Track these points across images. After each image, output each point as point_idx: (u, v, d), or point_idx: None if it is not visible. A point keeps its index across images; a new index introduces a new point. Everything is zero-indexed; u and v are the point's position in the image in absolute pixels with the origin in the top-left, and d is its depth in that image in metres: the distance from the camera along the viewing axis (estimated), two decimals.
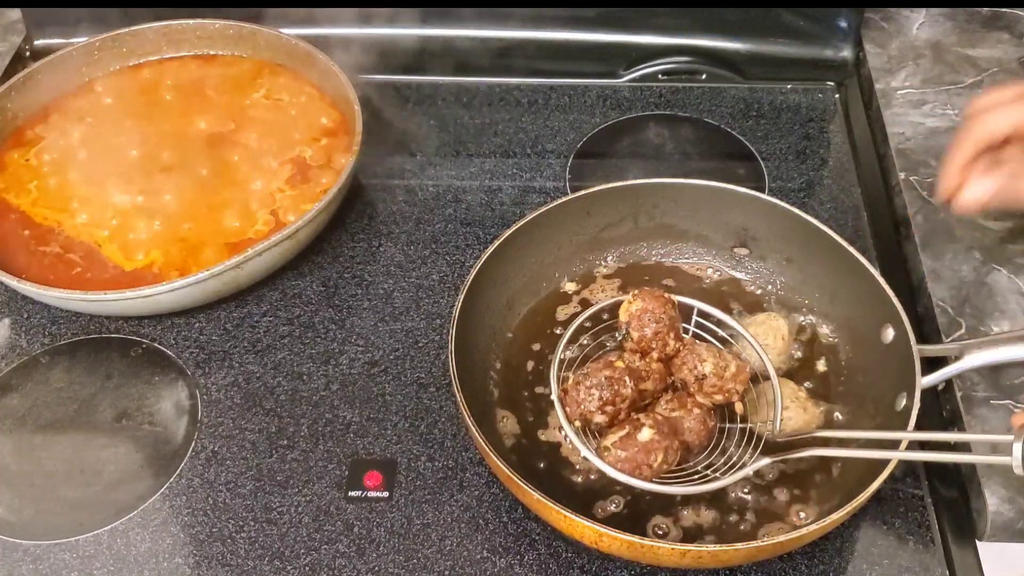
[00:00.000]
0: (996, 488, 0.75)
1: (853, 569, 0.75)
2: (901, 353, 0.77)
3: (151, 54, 1.12)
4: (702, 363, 0.76)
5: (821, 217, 0.87)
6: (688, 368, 0.77)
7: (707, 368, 0.76)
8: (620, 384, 0.74)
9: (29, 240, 0.95)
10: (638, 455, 0.70)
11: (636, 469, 0.70)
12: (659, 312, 0.78)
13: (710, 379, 0.76)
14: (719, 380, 0.76)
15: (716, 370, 0.76)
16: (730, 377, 0.76)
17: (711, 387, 0.76)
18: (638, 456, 0.70)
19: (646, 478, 0.71)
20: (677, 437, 0.73)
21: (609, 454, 0.71)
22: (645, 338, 0.78)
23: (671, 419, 0.74)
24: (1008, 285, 0.88)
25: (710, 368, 0.76)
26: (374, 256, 0.98)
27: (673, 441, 0.72)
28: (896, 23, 1.17)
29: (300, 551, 0.76)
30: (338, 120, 1.05)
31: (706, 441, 0.76)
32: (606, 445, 0.72)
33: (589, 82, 1.15)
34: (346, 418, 0.84)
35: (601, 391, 0.73)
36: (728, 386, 0.76)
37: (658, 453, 0.70)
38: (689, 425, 0.75)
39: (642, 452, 0.70)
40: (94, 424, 0.85)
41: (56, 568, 0.76)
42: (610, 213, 0.91)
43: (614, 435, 0.72)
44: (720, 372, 0.76)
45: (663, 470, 0.72)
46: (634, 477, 0.70)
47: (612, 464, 0.71)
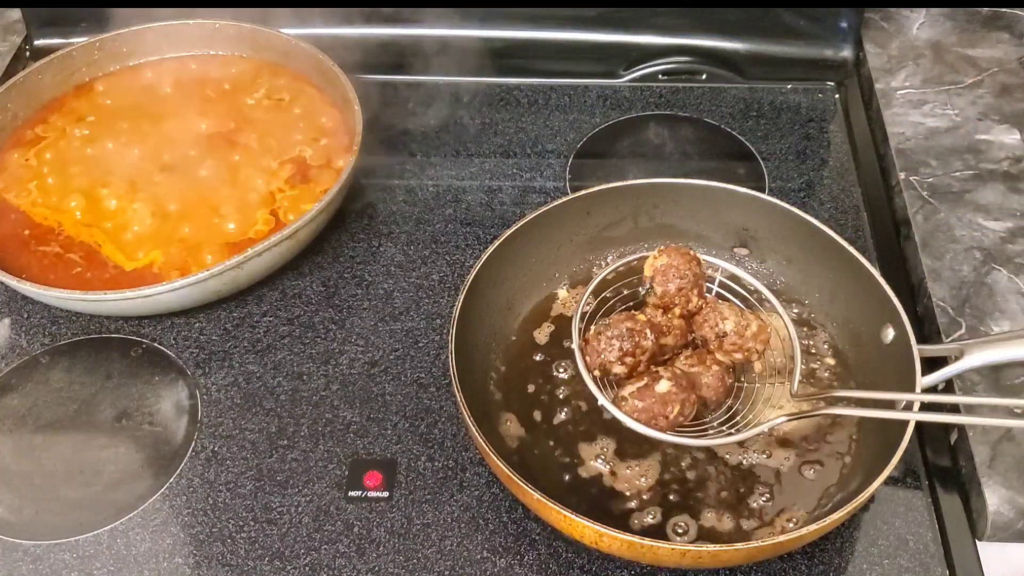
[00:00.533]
0: (996, 488, 0.75)
1: (853, 569, 0.75)
2: (901, 353, 0.77)
3: (151, 54, 1.12)
4: (723, 321, 0.76)
5: (821, 217, 0.87)
6: (709, 325, 0.77)
7: (728, 326, 0.76)
8: (641, 336, 0.74)
9: (29, 240, 0.95)
10: (655, 406, 0.71)
11: (652, 419, 0.71)
12: (684, 268, 0.78)
13: (731, 337, 0.76)
14: (739, 339, 0.76)
15: (737, 328, 0.76)
16: (751, 336, 0.76)
17: (731, 345, 0.76)
18: (655, 407, 0.71)
19: (662, 429, 0.72)
20: (694, 391, 0.74)
21: (626, 404, 0.72)
22: (668, 293, 0.78)
23: (689, 374, 0.75)
24: (1008, 285, 0.88)
25: (731, 326, 0.76)
26: (374, 256, 0.98)
27: (690, 394, 0.73)
28: (896, 23, 1.17)
29: (300, 551, 0.76)
30: (338, 120, 1.05)
31: (723, 398, 0.77)
32: (623, 395, 0.73)
33: (589, 82, 1.15)
34: (346, 418, 0.84)
35: (621, 342, 0.74)
36: (748, 345, 0.76)
37: (675, 405, 0.71)
38: (707, 381, 0.75)
39: (659, 403, 0.71)
40: (94, 424, 0.85)
41: (56, 568, 0.76)
42: (610, 213, 0.91)
43: (632, 385, 0.73)
44: (741, 331, 0.76)
45: (679, 422, 0.72)
46: (650, 427, 0.71)
47: (629, 413, 0.72)
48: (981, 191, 0.97)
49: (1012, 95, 1.06)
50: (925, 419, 0.74)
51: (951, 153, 1.01)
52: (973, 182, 0.98)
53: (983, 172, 0.99)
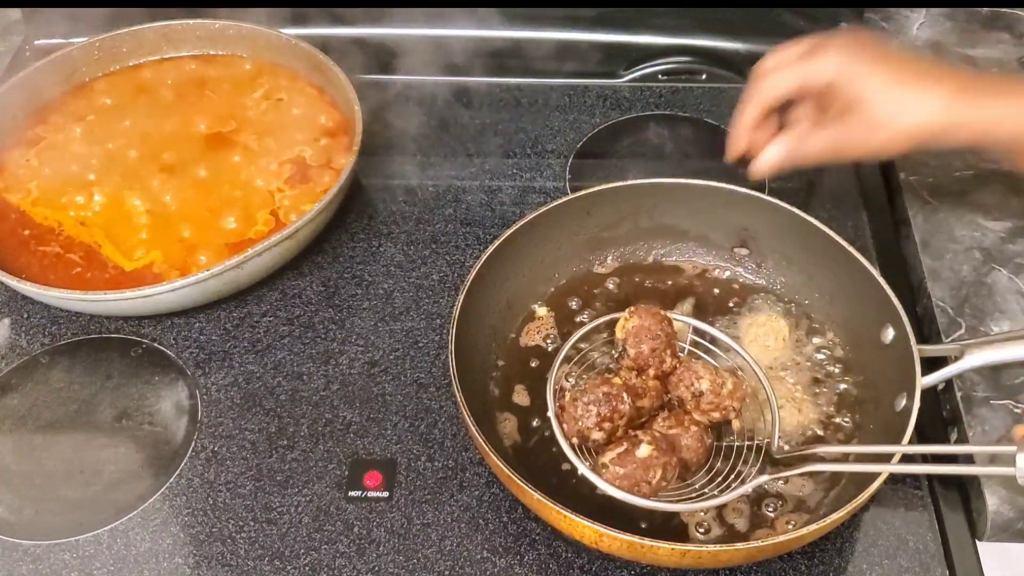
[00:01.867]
0: (996, 488, 0.75)
1: (853, 569, 0.75)
2: (901, 353, 0.77)
3: (151, 54, 1.12)
4: (699, 380, 0.76)
5: (821, 217, 0.87)
6: (685, 385, 0.76)
7: (704, 385, 0.75)
8: (618, 400, 0.73)
9: (29, 240, 0.95)
10: (636, 472, 0.70)
11: (635, 486, 0.70)
12: (656, 329, 0.77)
13: (707, 396, 0.75)
14: (716, 397, 0.75)
15: (713, 387, 0.75)
16: (727, 394, 0.75)
17: (708, 404, 0.75)
18: (637, 473, 0.70)
19: (645, 495, 0.70)
20: (675, 454, 0.72)
21: (607, 471, 0.70)
22: (642, 355, 0.77)
23: (669, 436, 0.74)
24: (1008, 285, 0.88)
25: (707, 385, 0.75)
26: (374, 256, 0.98)
27: (672, 458, 0.71)
28: (896, 23, 1.17)
29: (300, 551, 0.76)
30: (338, 120, 1.05)
31: (704, 459, 0.75)
32: (604, 462, 0.71)
33: (589, 82, 1.15)
34: (346, 418, 0.84)
35: (599, 407, 0.72)
36: (725, 403, 0.75)
37: (657, 469, 0.70)
38: (687, 442, 0.74)
39: (641, 468, 0.70)
40: (94, 424, 0.85)
41: (56, 568, 0.76)
42: (610, 213, 0.91)
43: (612, 451, 0.71)
44: (717, 389, 0.75)
45: (662, 487, 0.71)
46: (633, 494, 0.70)
47: (610, 481, 0.70)
48: (981, 191, 0.97)
49: None
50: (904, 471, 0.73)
51: (951, 153, 1.01)
52: (973, 182, 0.98)
53: (983, 172, 0.98)
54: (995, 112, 0.76)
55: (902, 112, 0.75)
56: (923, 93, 0.76)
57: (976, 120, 0.76)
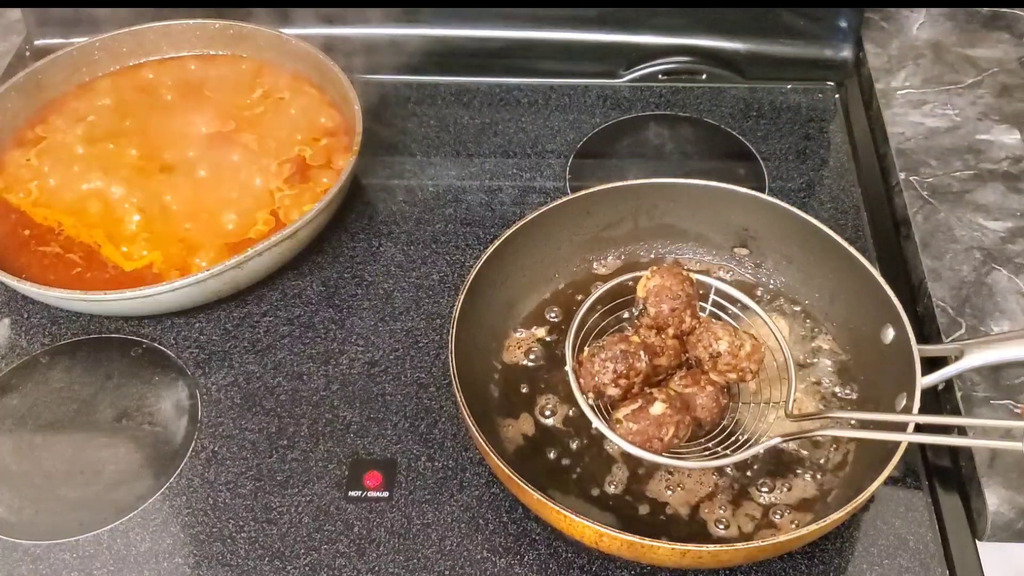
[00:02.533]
0: (996, 488, 0.75)
1: (853, 569, 0.75)
2: (901, 353, 0.77)
3: (151, 54, 1.12)
4: (717, 341, 0.76)
5: (821, 217, 0.87)
6: (703, 346, 0.77)
7: (722, 346, 0.76)
8: (635, 358, 0.74)
9: (29, 240, 0.95)
10: (649, 428, 0.71)
11: (647, 442, 0.71)
12: (676, 289, 0.78)
13: (725, 357, 0.76)
14: (733, 359, 0.76)
15: (731, 348, 0.76)
16: (744, 356, 0.76)
17: (725, 365, 0.76)
18: (649, 429, 0.71)
19: (656, 451, 0.72)
20: (689, 412, 0.74)
21: (621, 426, 0.72)
22: (662, 314, 0.78)
23: (684, 395, 0.75)
24: (1008, 285, 0.88)
25: (725, 346, 0.76)
26: (374, 256, 0.98)
27: (685, 416, 0.72)
28: (896, 23, 1.17)
29: (300, 551, 0.76)
30: (338, 120, 1.05)
31: (718, 418, 0.76)
32: (618, 417, 0.72)
33: (589, 82, 1.15)
34: (346, 418, 0.84)
35: (615, 364, 0.73)
36: (742, 365, 0.76)
37: (669, 427, 0.71)
38: (702, 402, 0.75)
39: (653, 425, 0.71)
40: (94, 424, 0.85)
41: (56, 568, 0.76)
42: (610, 213, 0.91)
43: (626, 407, 0.72)
44: (735, 351, 0.76)
45: (674, 444, 0.72)
46: (645, 450, 0.71)
47: (623, 436, 0.72)
48: (981, 191, 0.97)
49: (1012, 95, 1.06)
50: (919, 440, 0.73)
51: (951, 153, 1.01)
52: (973, 182, 0.98)
53: (983, 172, 0.99)
54: None
55: None
56: None
57: None
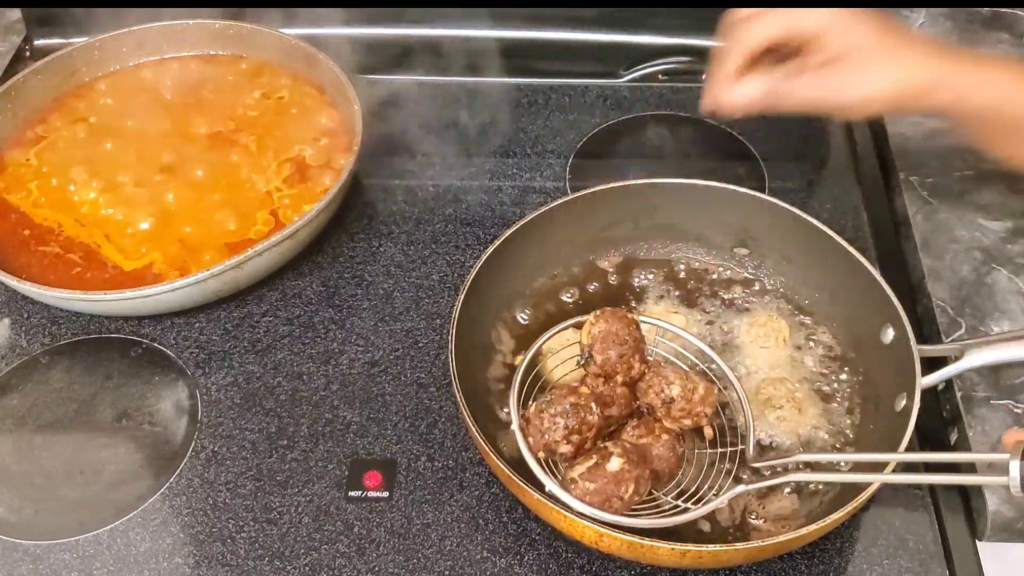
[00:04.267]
0: (996, 488, 0.75)
1: (853, 569, 0.75)
2: (901, 353, 0.77)
3: (151, 54, 1.12)
4: (669, 386, 0.73)
5: (821, 217, 0.87)
6: (655, 392, 0.73)
7: (675, 391, 0.73)
8: (586, 410, 0.70)
9: (29, 240, 0.95)
10: (608, 487, 0.67)
11: (606, 502, 0.67)
12: (623, 334, 0.74)
13: (678, 403, 0.73)
14: (687, 403, 0.73)
15: (684, 393, 0.73)
16: (698, 400, 0.73)
17: (679, 411, 0.73)
18: (608, 488, 0.67)
19: (616, 511, 0.67)
20: (647, 465, 0.70)
21: (576, 487, 0.68)
22: (609, 361, 0.74)
23: (639, 446, 0.72)
24: (1008, 285, 0.88)
25: (678, 391, 0.73)
26: (374, 256, 0.98)
27: (644, 470, 0.69)
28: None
29: (300, 551, 0.76)
30: (338, 120, 1.05)
31: (675, 469, 0.73)
32: (572, 476, 0.68)
33: (589, 82, 1.15)
34: (346, 418, 0.84)
35: (566, 419, 0.69)
36: (697, 409, 0.73)
37: (629, 484, 0.67)
38: (658, 452, 0.72)
39: (612, 483, 0.67)
40: (94, 424, 0.85)
41: (56, 568, 0.76)
42: (610, 213, 0.91)
43: (581, 465, 0.68)
44: (688, 395, 0.73)
45: (634, 502, 0.69)
46: (603, 510, 0.67)
47: (580, 497, 0.67)
48: (981, 191, 0.97)
49: None
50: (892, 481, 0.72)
51: (951, 153, 1.01)
52: (973, 182, 0.98)
53: (983, 172, 0.98)
54: (973, 78, 0.77)
55: (888, 67, 0.76)
56: (909, 51, 0.77)
57: (955, 84, 0.76)
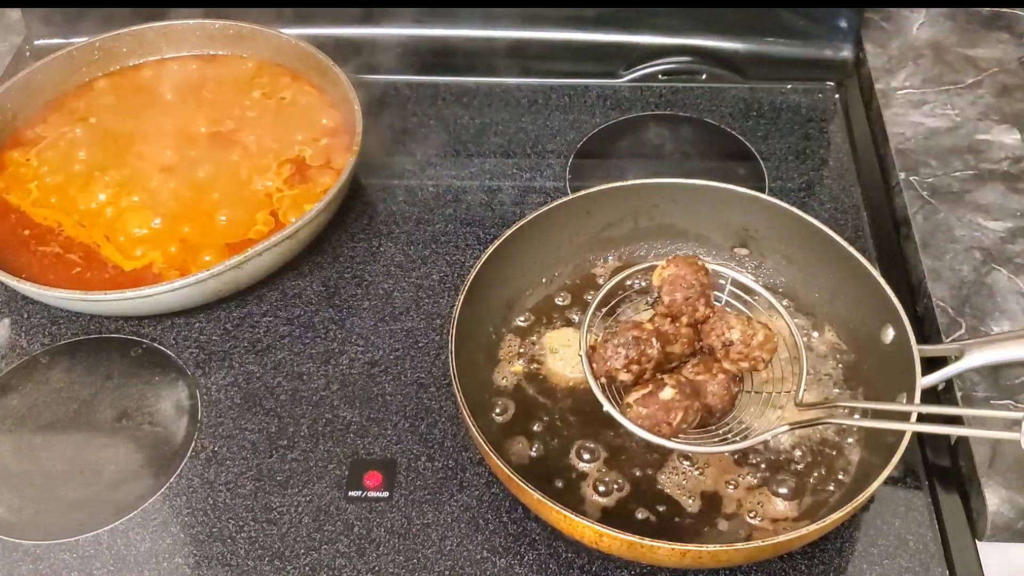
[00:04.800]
0: (996, 488, 0.75)
1: (853, 569, 0.75)
2: (901, 353, 0.77)
3: (151, 54, 1.12)
4: (730, 330, 0.77)
5: (821, 217, 0.87)
6: (716, 334, 0.77)
7: (735, 335, 0.77)
8: (647, 344, 0.75)
9: (29, 240, 0.95)
10: (658, 412, 0.72)
11: (656, 426, 0.72)
12: (691, 278, 0.79)
13: (737, 346, 0.76)
14: (746, 348, 0.76)
15: (744, 337, 0.76)
16: (757, 345, 0.76)
17: (738, 354, 0.77)
18: (658, 414, 0.72)
19: (665, 435, 0.72)
20: (699, 399, 0.74)
21: (631, 410, 0.73)
22: (675, 302, 0.79)
23: (694, 382, 0.76)
24: (1008, 285, 0.88)
25: (738, 335, 0.77)
26: (374, 256, 0.98)
27: (694, 402, 0.73)
28: (896, 23, 1.17)
29: (300, 551, 0.76)
30: (338, 120, 1.05)
31: (728, 406, 0.77)
32: (628, 402, 0.73)
33: (589, 82, 1.15)
34: (346, 418, 0.84)
35: (627, 349, 0.74)
36: (755, 354, 0.77)
37: (678, 412, 0.72)
38: (712, 389, 0.76)
39: (662, 410, 0.72)
40: (94, 424, 0.85)
41: (56, 568, 0.76)
42: (610, 213, 0.91)
43: (636, 392, 0.73)
44: (747, 340, 0.76)
45: (682, 429, 0.73)
46: (653, 434, 0.72)
47: (633, 420, 0.72)
48: (981, 191, 0.97)
49: (1012, 95, 1.06)
50: (923, 430, 0.74)
51: (951, 153, 1.01)
52: (973, 182, 0.98)
53: (983, 172, 0.99)
54: None
55: None
56: None
57: None
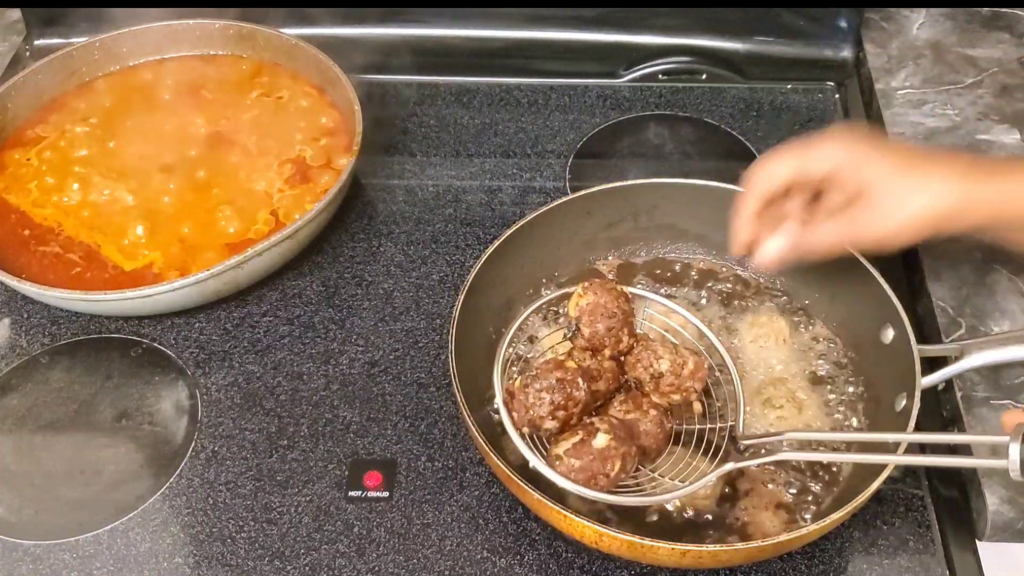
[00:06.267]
0: (996, 488, 0.75)
1: (853, 569, 0.75)
2: (901, 353, 0.77)
3: (151, 54, 1.12)
4: (658, 360, 0.72)
5: None
6: (643, 366, 0.72)
7: (664, 366, 0.72)
8: (573, 386, 0.68)
9: (29, 240, 0.95)
10: (593, 464, 0.66)
11: (591, 479, 0.66)
12: (611, 306, 0.73)
13: (667, 377, 0.71)
14: (676, 378, 0.72)
15: (673, 367, 0.71)
16: (688, 375, 0.72)
17: (668, 386, 0.72)
18: (593, 465, 0.66)
19: (602, 488, 0.67)
20: (634, 442, 0.69)
21: (561, 463, 0.67)
22: (597, 334, 0.73)
23: (626, 422, 0.70)
24: (1008, 285, 0.88)
25: (667, 365, 0.71)
26: (374, 256, 0.98)
27: (631, 447, 0.68)
28: (896, 23, 1.17)
29: (300, 551, 0.76)
30: (338, 120, 1.05)
31: (663, 445, 0.72)
32: (558, 453, 0.67)
33: (589, 82, 1.15)
34: (346, 418, 0.84)
35: (552, 394, 0.68)
36: (686, 384, 0.72)
37: (615, 461, 0.66)
38: (645, 428, 0.71)
39: (598, 460, 0.66)
40: (94, 424, 0.85)
41: (56, 568, 0.76)
42: (610, 213, 0.91)
43: (566, 442, 0.67)
44: (677, 370, 0.71)
45: (620, 479, 0.68)
46: (589, 488, 0.66)
47: (565, 475, 0.67)
48: None
49: (1012, 95, 1.06)
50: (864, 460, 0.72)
51: None
52: None
53: None
54: (1006, 190, 0.73)
55: (914, 195, 0.72)
56: (934, 175, 0.73)
57: (988, 200, 0.73)
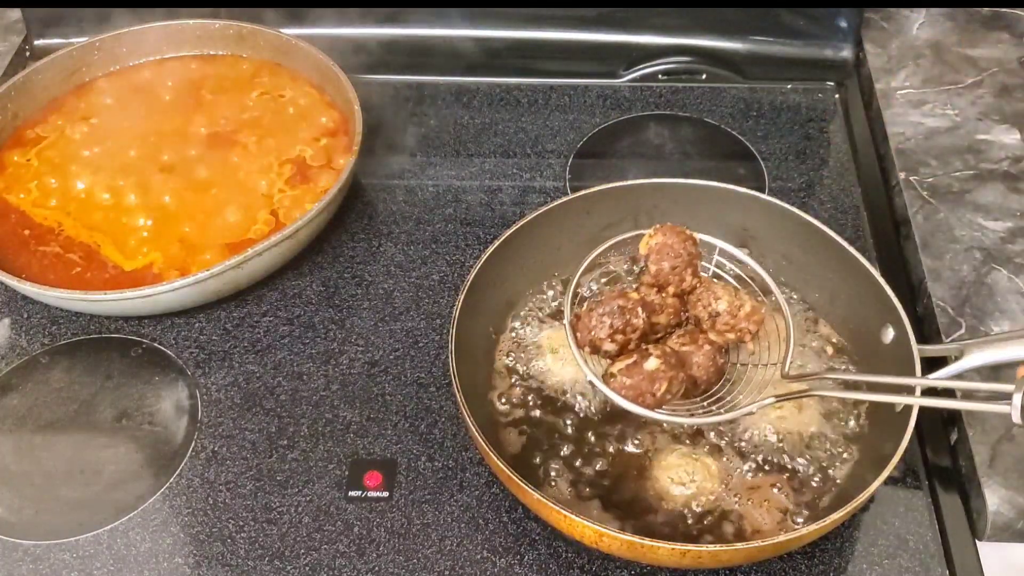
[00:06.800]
0: (996, 488, 0.75)
1: (853, 569, 0.75)
2: (901, 353, 0.77)
3: (151, 54, 1.12)
4: (716, 300, 0.76)
5: (821, 217, 0.87)
6: (702, 305, 0.77)
7: (721, 306, 0.76)
8: (632, 314, 0.74)
9: (29, 240, 0.95)
10: (642, 383, 0.71)
11: (639, 396, 0.71)
12: (678, 248, 0.78)
13: (723, 317, 0.76)
14: (732, 319, 0.76)
15: (730, 308, 0.76)
16: (743, 316, 0.76)
17: (724, 325, 0.76)
18: (642, 384, 0.71)
19: (648, 406, 0.71)
20: (684, 370, 0.74)
21: (614, 380, 0.72)
22: (662, 272, 0.78)
23: (680, 352, 0.75)
24: (1008, 285, 0.88)
25: (724, 306, 0.76)
26: (374, 256, 0.98)
27: (679, 373, 0.72)
28: (896, 23, 1.17)
29: (300, 551, 0.76)
30: (338, 120, 1.05)
31: (715, 377, 0.76)
32: (612, 372, 0.72)
33: (589, 82, 1.15)
34: (346, 418, 0.84)
35: (612, 319, 0.74)
36: (741, 325, 0.76)
37: (662, 382, 0.71)
38: (698, 360, 0.75)
39: (646, 380, 0.71)
40: (94, 424, 0.85)
41: (56, 568, 0.76)
42: (610, 213, 0.91)
43: (621, 363, 0.72)
44: (734, 311, 0.76)
45: (666, 400, 0.72)
46: (636, 404, 0.71)
47: (616, 390, 0.72)
48: (981, 191, 0.97)
49: (1012, 95, 1.06)
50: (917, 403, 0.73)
51: (951, 153, 1.01)
52: (973, 182, 0.98)
53: (983, 172, 0.99)
54: None
55: None
56: None
57: None
